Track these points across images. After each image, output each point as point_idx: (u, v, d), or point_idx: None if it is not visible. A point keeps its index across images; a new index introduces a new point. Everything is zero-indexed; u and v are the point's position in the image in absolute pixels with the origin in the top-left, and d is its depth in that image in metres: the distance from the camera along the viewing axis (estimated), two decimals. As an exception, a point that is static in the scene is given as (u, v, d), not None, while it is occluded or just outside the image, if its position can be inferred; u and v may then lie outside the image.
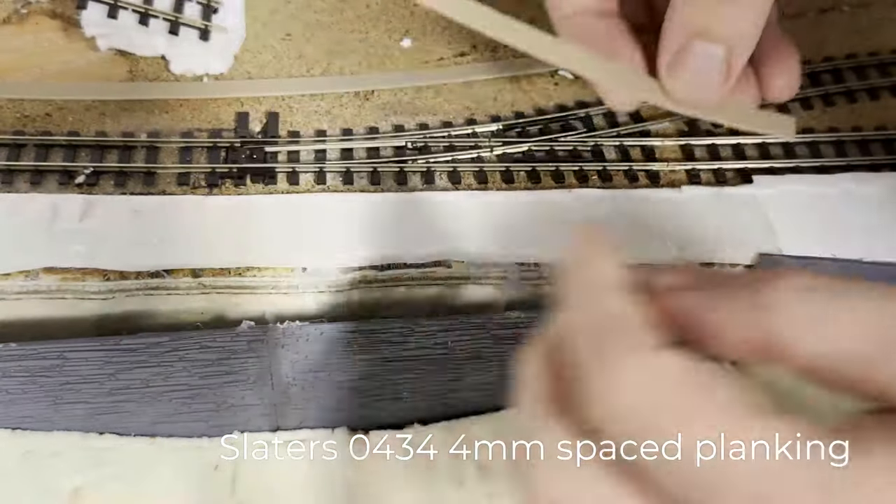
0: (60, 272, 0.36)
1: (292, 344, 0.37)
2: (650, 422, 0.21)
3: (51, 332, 0.37)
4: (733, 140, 0.43)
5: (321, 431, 0.40)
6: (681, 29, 0.34)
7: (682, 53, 0.34)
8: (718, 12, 0.33)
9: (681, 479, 0.20)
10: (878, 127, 0.44)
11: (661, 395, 0.21)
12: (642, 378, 0.21)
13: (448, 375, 0.39)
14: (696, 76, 0.34)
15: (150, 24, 0.43)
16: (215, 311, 0.38)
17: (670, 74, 0.34)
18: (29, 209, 0.37)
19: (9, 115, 0.41)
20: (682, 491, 0.20)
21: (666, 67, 0.34)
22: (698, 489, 0.20)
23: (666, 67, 0.34)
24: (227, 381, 0.38)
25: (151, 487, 0.38)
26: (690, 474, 0.20)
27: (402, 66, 0.46)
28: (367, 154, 0.41)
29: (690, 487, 0.20)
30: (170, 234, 0.36)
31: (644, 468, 0.21)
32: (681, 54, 0.34)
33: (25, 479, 0.37)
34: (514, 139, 0.42)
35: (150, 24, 0.43)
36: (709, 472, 0.20)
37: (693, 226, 0.38)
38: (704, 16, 0.33)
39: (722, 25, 0.33)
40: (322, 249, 0.37)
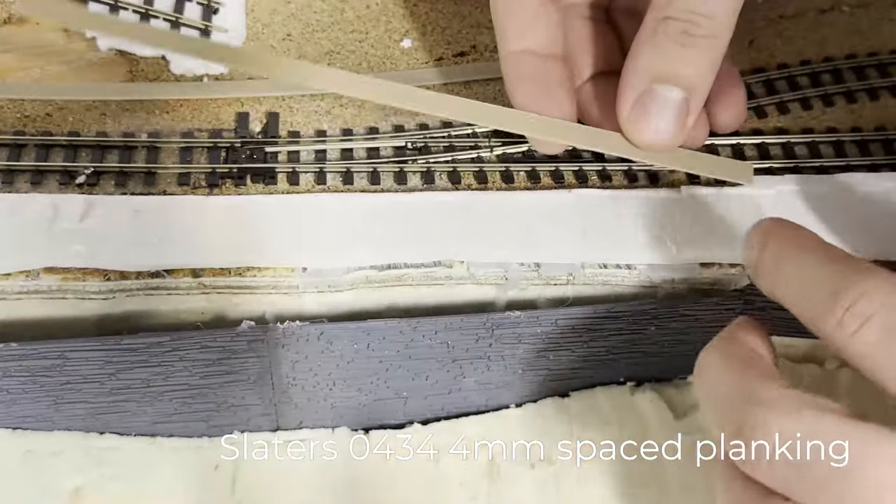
0: (61, 272, 0.36)
1: (292, 344, 0.37)
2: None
3: (51, 332, 0.37)
4: (733, 140, 0.43)
5: (321, 431, 0.40)
6: (642, 75, 0.35)
7: (643, 99, 0.35)
8: (680, 56, 0.34)
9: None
10: (878, 127, 0.45)
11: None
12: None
13: (448, 375, 0.39)
14: (658, 120, 0.35)
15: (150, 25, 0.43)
16: (215, 310, 0.38)
17: (632, 119, 0.35)
18: (29, 209, 0.37)
19: (9, 115, 0.41)
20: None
21: (627, 112, 0.35)
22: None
23: (627, 112, 0.35)
24: (227, 380, 0.38)
25: (151, 487, 0.38)
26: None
27: (402, 66, 0.46)
28: (367, 154, 0.41)
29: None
30: (170, 234, 0.37)
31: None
32: (642, 99, 0.35)
33: (26, 479, 0.37)
34: (514, 139, 0.42)
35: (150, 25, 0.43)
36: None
37: (693, 226, 0.38)
38: (665, 61, 0.34)
39: (683, 69, 0.34)
40: (322, 249, 0.37)
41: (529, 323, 0.38)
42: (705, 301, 0.39)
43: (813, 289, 0.29)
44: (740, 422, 0.28)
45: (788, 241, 0.31)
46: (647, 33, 0.34)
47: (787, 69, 0.47)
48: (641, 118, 0.35)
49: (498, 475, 0.40)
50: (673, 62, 0.34)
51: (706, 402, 0.31)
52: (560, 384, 0.41)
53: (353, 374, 0.38)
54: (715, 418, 0.30)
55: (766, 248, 0.32)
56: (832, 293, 0.28)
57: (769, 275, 0.31)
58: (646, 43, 0.34)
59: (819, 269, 0.30)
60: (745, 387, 0.29)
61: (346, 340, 0.37)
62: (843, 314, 0.28)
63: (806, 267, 0.30)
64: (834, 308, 0.28)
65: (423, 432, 0.41)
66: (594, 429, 0.41)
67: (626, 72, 0.35)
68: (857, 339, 0.28)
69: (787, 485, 0.28)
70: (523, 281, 0.38)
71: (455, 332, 0.38)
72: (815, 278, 0.29)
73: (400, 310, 0.39)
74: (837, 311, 0.28)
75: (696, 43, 0.34)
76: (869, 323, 0.27)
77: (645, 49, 0.34)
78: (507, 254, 0.37)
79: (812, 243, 0.31)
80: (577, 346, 0.39)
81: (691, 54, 0.34)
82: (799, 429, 0.27)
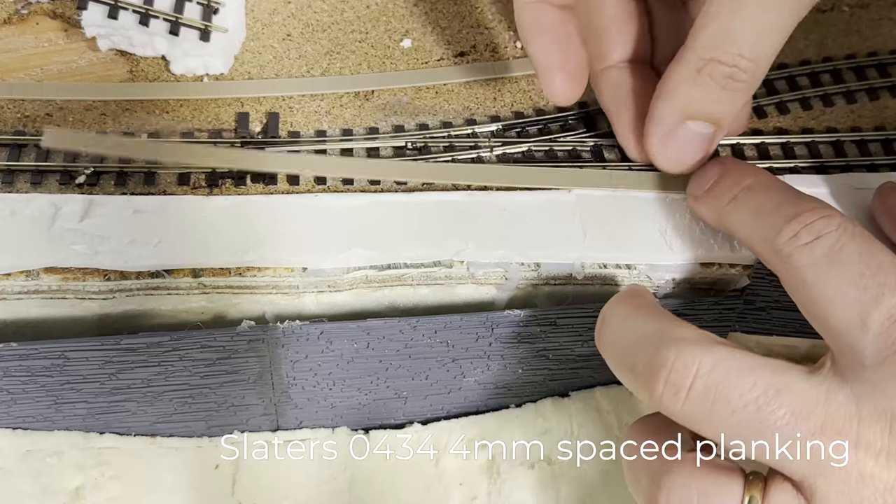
0: (61, 272, 0.36)
1: (292, 343, 0.37)
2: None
3: (52, 332, 0.37)
4: (732, 140, 0.43)
5: (321, 431, 0.40)
6: (677, 111, 0.36)
7: (674, 131, 0.36)
8: (718, 98, 0.35)
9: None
10: (877, 127, 0.45)
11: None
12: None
13: (448, 375, 0.39)
14: (684, 153, 0.37)
15: (150, 25, 0.43)
16: (215, 310, 0.38)
17: (660, 149, 0.37)
18: (29, 209, 0.37)
19: (9, 115, 0.41)
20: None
21: (657, 143, 0.37)
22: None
23: (657, 143, 0.37)
24: (227, 380, 0.38)
25: (151, 487, 0.38)
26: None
27: (402, 66, 0.46)
28: (367, 154, 0.41)
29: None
30: (170, 234, 0.37)
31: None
32: (673, 132, 0.36)
33: (26, 479, 0.37)
34: (514, 139, 0.42)
35: (150, 25, 0.43)
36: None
37: (693, 226, 0.38)
38: (703, 101, 0.35)
39: (718, 108, 0.35)
40: (322, 249, 0.37)
41: (529, 322, 0.38)
42: (705, 301, 0.39)
43: (773, 210, 0.32)
44: (658, 359, 0.30)
45: (749, 174, 0.35)
46: (689, 72, 0.34)
47: (787, 69, 0.47)
48: (670, 148, 0.36)
49: (498, 475, 0.40)
50: (710, 103, 0.35)
51: (613, 349, 0.33)
52: (560, 384, 0.42)
53: (353, 374, 0.38)
54: (623, 363, 0.32)
55: (724, 177, 0.35)
56: (793, 213, 0.31)
57: (722, 199, 0.35)
58: (686, 81, 0.35)
59: (781, 194, 0.33)
60: (660, 327, 0.31)
61: (346, 340, 0.37)
62: (801, 229, 0.31)
63: (771, 192, 0.33)
64: (791, 223, 0.31)
65: (423, 432, 0.41)
66: (594, 429, 0.41)
67: (661, 104, 0.36)
68: (807, 250, 0.30)
69: (698, 419, 0.29)
70: (523, 281, 0.38)
71: (455, 332, 0.38)
72: (776, 203, 0.32)
73: (400, 310, 0.39)
74: (794, 226, 0.31)
75: (738, 87, 0.34)
76: (822, 239, 0.30)
77: (684, 87, 0.35)
78: (507, 254, 0.37)
79: (770, 179, 0.34)
80: (577, 346, 0.39)
81: (729, 96, 0.35)
82: (715, 363, 0.29)
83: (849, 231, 0.30)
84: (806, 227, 0.31)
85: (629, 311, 0.33)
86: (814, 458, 0.28)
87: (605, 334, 0.33)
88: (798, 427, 0.28)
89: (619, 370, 0.32)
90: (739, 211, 0.34)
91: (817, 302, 0.30)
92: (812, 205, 0.32)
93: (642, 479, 0.31)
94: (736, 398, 0.29)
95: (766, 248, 0.32)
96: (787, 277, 0.31)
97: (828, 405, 0.28)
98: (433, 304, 0.39)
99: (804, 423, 0.28)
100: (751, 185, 0.34)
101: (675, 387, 0.29)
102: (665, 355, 0.30)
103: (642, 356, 0.31)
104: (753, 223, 0.33)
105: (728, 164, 0.36)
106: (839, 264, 0.30)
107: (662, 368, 0.30)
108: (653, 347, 0.30)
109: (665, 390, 0.29)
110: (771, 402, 0.29)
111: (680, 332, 0.31)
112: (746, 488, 0.29)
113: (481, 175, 0.40)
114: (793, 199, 0.32)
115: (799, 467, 0.29)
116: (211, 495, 0.39)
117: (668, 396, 0.29)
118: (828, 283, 0.30)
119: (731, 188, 0.35)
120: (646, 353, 0.30)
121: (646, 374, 0.30)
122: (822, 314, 0.30)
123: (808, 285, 0.30)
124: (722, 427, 0.29)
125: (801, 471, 0.29)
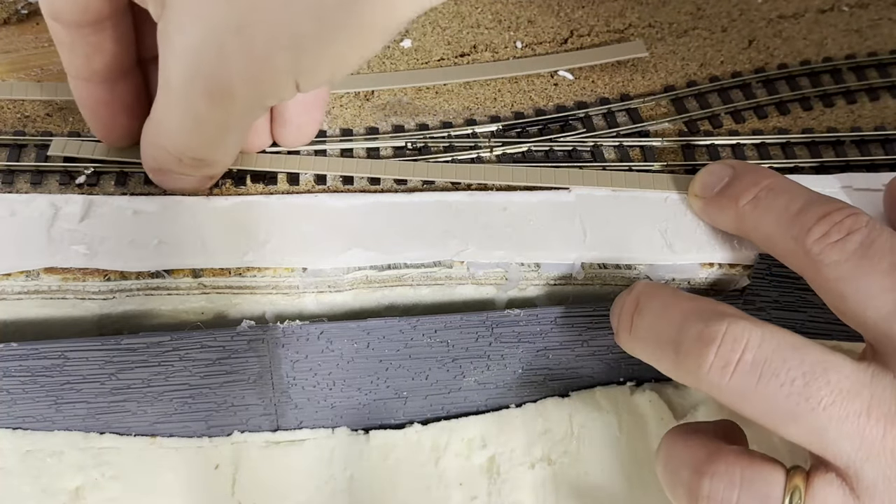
0: (61, 272, 0.36)
1: (292, 344, 0.37)
2: None
3: (52, 332, 0.37)
4: (732, 140, 0.43)
5: (321, 431, 0.40)
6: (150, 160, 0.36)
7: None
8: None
9: None
10: (878, 127, 0.45)
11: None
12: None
13: (448, 375, 0.39)
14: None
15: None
16: (215, 310, 0.38)
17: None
18: (29, 209, 0.37)
19: (9, 115, 0.41)
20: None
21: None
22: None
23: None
24: (227, 380, 0.38)
25: (151, 487, 0.38)
26: None
27: (402, 66, 0.46)
28: (367, 154, 0.41)
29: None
30: (170, 234, 0.37)
31: None
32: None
33: (26, 479, 0.37)
34: (514, 139, 0.42)
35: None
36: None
37: (693, 226, 0.38)
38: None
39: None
40: (322, 249, 0.37)
41: (529, 322, 0.38)
42: (705, 301, 0.39)
43: (801, 210, 0.33)
44: (708, 332, 0.30)
45: (766, 175, 0.35)
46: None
47: (787, 69, 0.47)
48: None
49: (498, 475, 0.40)
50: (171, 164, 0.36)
51: (652, 331, 0.33)
52: (560, 384, 0.42)
53: (353, 374, 0.38)
54: (666, 342, 0.32)
55: (739, 178, 0.36)
56: (822, 212, 0.32)
57: (740, 200, 0.35)
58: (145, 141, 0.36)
59: (805, 194, 0.34)
60: (707, 305, 0.32)
61: (345, 340, 0.37)
62: (832, 227, 0.31)
63: (794, 193, 0.34)
64: (821, 222, 0.32)
65: (423, 432, 0.41)
66: (594, 429, 0.41)
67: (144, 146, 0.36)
68: (838, 246, 0.31)
69: (743, 395, 0.29)
70: (523, 281, 0.38)
71: (455, 331, 0.38)
72: (802, 203, 0.33)
73: (400, 310, 0.39)
74: (824, 225, 0.32)
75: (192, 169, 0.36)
76: (854, 235, 0.31)
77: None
78: (507, 254, 0.37)
79: (788, 181, 0.35)
80: (577, 346, 0.39)
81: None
82: (764, 337, 0.29)
83: (877, 227, 0.31)
84: (836, 224, 0.31)
85: (668, 295, 0.33)
86: (860, 439, 0.28)
87: (643, 320, 0.33)
88: (845, 406, 0.28)
89: (659, 351, 0.32)
90: (762, 211, 0.34)
91: (852, 296, 0.30)
92: (839, 204, 0.32)
93: (682, 472, 0.31)
94: (784, 373, 0.29)
95: (793, 248, 0.32)
96: (817, 276, 0.31)
97: (874, 387, 0.28)
98: (433, 304, 0.39)
99: (851, 402, 0.28)
100: (771, 186, 0.34)
101: (724, 359, 0.29)
102: (716, 328, 0.30)
103: (691, 331, 0.30)
104: (779, 223, 0.33)
105: (738, 166, 0.36)
106: (872, 258, 0.30)
107: (713, 342, 0.30)
108: (702, 322, 0.30)
109: (714, 363, 0.29)
110: (818, 378, 0.28)
111: (728, 309, 0.31)
112: (789, 478, 0.29)
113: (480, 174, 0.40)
114: (819, 199, 0.33)
115: (845, 450, 0.28)
116: (211, 495, 0.39)
117: (716, 370, 0.29)
118: (862, 276, 0.30)
119: (750, 188, 0.35)
120: (694, 329, 0.30)
121: (694, 349, 0.30)
122: (857, 308, 0.30)
123: (842, 281, 0.30)
124: (767, 404, 0.29)
125: (847, 454, 0.28)
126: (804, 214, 0.32)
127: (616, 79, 0.46)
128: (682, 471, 0.31)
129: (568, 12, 0.49)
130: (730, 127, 0.45)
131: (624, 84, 0.46)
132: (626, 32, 0.49)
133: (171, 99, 0.32)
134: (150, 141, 0.35)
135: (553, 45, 0.48)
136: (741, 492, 0.29)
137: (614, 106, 0.44)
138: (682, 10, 0.50)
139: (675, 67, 0.47)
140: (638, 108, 0.45)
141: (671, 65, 0.47)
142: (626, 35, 0.48)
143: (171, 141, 0.34)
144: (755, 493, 0.29)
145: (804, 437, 0.29)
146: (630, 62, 0.47)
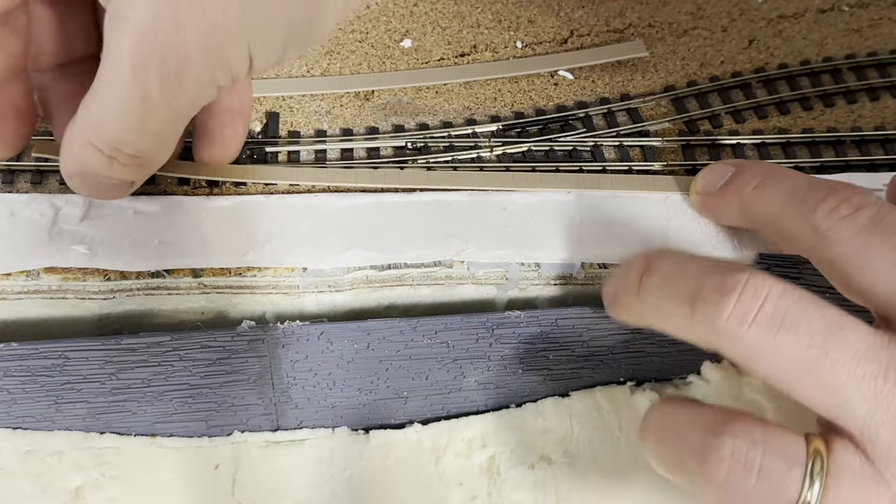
0: (61, 272, 0.36)
1: (292, 344, 0.37)
2: None
3: (52, 332, 0.37)
4: (733, 140, 0.43)
5: (321, 431, 0.40)
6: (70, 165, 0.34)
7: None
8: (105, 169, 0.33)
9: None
10: (878, 127, 0.45)
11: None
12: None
13: (448, 375, 0.39)
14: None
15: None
16: (215, 310, 0.38)
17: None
18: (29, 209, 0.37)
19: (9, 115, 0.41)
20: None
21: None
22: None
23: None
24: (227, 380, 0.38)
25: (151, 487, 0.38)
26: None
27: (402, 66, 0.46)
28: (367, 154, 0.41)
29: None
30: (170, 234, 0.37)
31: None
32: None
33: (26, 479, 0.37)
34: (514, 139, 0.42)
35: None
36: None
37: (693, 226, 0.38)
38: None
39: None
40: (322, 249, 0.37)
41: (529, 323, 0.38)
42: (705, 301, 0.39)
43: (808, 189, 0.32)
44: (728, 281, 0.29)
45: (769, 165, 0.35)
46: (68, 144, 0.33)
47: (787, 69, 0.47)
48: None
49: (498, 475, 0.40)
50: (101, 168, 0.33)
51: (666, 286, 0.31)
52: (560, 384, 0.41)
53: (353, 374, 0.38)
54: (681, 295, 0.30)
55: (743, 170, 0.36)
56: (829, 190, 0.32)
57: (746, 187, 0.35)
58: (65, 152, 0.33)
59: (810, 178, 0.34)
60: (724, 262, 0.31)
61: (346, 340, 0.37)
62: (840, 202, 0.31)
63: (799, 176, 0.34)
64: (829, 199, 0.32)
65: (424, 432, 0.41)
66: (594, 429, 0.41)
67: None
68: (847, 221, 0.31)
69: (759, 349, 0.28)
70: (523, 281, 0.38)
71: (455, 332, 0.38)
72: (808, 183, 0.33)
73: (400, 309, 0.39)
74: (832, 201, 0.31)
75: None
76: (863, 210, 0.31)
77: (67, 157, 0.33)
78: (507, 254, 0.37)
79: (791, 169, 0.35)
80: (577, 346, 0.39)
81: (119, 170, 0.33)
82: (786, 289, 0.29)
83: (886, 204, 0.31)
84: (846, 200, 0.31)
85: (682, 255, 0.32)
86: (876, 402, 0.27)
87: (654, 279, 0.32)
88: (863, 366, 0.28)
89: (673, 307, 0.30)
90: (768, 195, 0.34)
91: (862, 270, 0.30)
92: (845, 184, 0.32)
93: (692, 435, 0.29)
94: (804, 327, 0.28)
95: (800, 225, 0.32)
96: (825, 252, 0.31)
97: (890, 351, 0.28)
98: (433, 303, 0.39)
99: (868, 363, 0.28)
100: (774, 173, 0.34)
101: (744, 307, 0.28)
102: (738, 278, 0.29)
103: (710, 281, 0.29)
104: (786, 203, 0.33)
105: (740, 164, 0.36)
106: (883, 231, 0.30)
107: (734, 290, 0.29)
108: (721, 272, 0.29)
109: (734, 311, 0.28)
110: (837, 335, 0.28)
111: (747, 266, 0.31)
112: (808, 442, 0.28)
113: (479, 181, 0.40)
114: (824, 181, 0.33)
115: (860, 413, 0.28)
116: (211, 495, 0.39)
117: (735, 319, 0.28)
118: (874, 249, 0.30)
119: (755, 176, 0.35)
120: (714, 279, 0.29)
121: (713, 296, 0.29)
122: (868, 282, 0.30)
123: (852, 255, 0.30)
124: (783, 361, 0.28)
125: (863, 418, 0.28)
126: (812, 193, 0.32)
127: (616, 79, 0.46)
128: (692, 434, 0.29)
129: (568, 12, 0.49)
130: (730, 127, 0.45)
131: (624, 84, 0.46)
132: (626, 32, 0.49)
133: (118, 87, 0.30)
134: (79, 140, 0.32)
135: (553, 44, 0.48)
136: (765, 453, 0.28)
137: (614, 106, 0.44)
138: (682, 10, 0.50)
139: (676, 67, 0.47)
140: (638, 108, 0.45)
141: (671, 65, 0.47)
142: (626, 35, 0.48)
143: (111, 136, 0.32)
144: (779, 455, 0.28)
145: (818, 397, 0.28)
146: (630, 62, 0.47)
